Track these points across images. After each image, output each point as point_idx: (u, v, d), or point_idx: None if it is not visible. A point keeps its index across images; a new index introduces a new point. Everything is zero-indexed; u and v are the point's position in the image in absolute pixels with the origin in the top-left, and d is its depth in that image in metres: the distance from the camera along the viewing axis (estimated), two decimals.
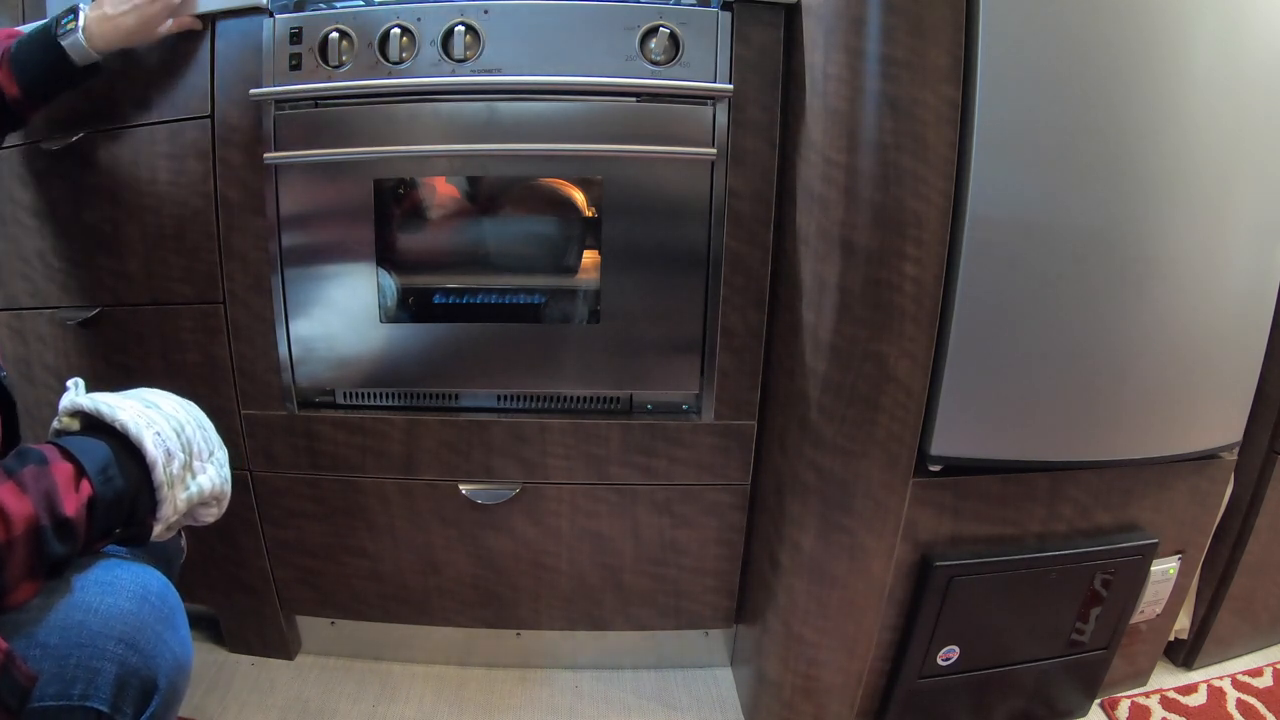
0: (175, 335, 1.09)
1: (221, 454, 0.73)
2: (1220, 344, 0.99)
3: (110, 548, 0.68)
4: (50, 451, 0.59)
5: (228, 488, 0.73)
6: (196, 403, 0.73)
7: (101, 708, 0.59)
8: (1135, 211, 0.90)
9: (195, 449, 0.69)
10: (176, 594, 0.68)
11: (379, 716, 1.19)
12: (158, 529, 0.67)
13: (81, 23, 0.91)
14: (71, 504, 0.58)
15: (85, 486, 0.59)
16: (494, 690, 1.25)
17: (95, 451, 0.61)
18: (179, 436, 0.67)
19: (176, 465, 0.66)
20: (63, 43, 0.91)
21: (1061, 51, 0.84)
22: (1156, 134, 0.87)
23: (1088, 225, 0.89)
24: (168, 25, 0.96)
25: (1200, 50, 0.87)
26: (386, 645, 1.30)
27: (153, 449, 0.64)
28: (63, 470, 0.58)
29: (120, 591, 0.63)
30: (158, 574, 0.67)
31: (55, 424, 0.66)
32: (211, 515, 0.73)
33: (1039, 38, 0.84)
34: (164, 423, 0.66)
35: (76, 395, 0.66)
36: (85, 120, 1.03)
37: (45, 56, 0.92)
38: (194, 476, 0.68)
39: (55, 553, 0.57)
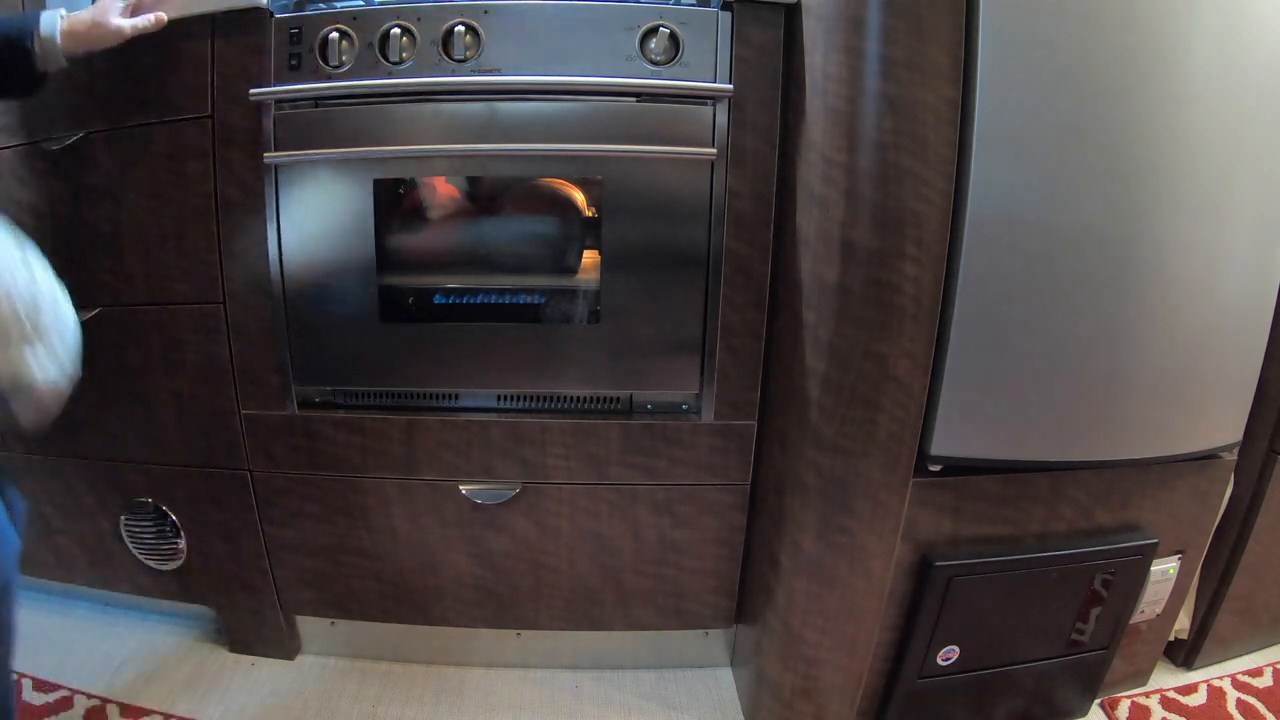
0: (175, 335, 1.09)
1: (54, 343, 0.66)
2: (1220, 344, 0.99)
3: None
4: None
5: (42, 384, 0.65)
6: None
7: None
8: (1135, 211, 0.89)
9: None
10: None
11: (379, 716, 1.19)
12: None
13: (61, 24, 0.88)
14: None
15: None
16: (494, 690, 1.25)
17: None
18: None
19: None
20: (36, 24, 0.87)
21: (1061, 51, 0.84)
22: (1156, 134, 0.87)
23: (1088, 225, 0.89)
24: (131, 22, 0.91)
25: (1200, 49, 0.86)
26: (386, 645, 1.30)
27: None
28: None
29: None
30: None
31: None
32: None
33: (1038, 38, 0.84)
34: None
35: None
36: (85, 120, 1.03)
37: (6, 34, 0.86)
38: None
39: None
